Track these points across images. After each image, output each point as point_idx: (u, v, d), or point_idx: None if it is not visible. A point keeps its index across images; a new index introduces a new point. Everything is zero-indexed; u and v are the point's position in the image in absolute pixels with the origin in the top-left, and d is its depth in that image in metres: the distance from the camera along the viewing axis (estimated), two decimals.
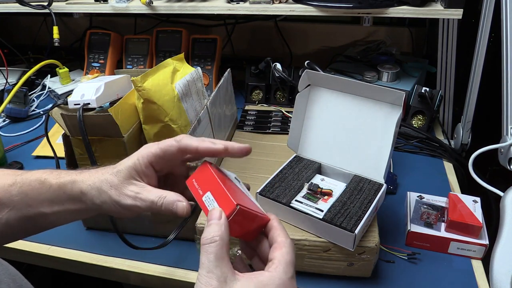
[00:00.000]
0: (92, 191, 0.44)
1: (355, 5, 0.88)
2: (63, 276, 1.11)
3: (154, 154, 0.44)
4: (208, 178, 0.42)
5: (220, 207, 0.39)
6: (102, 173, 0.45)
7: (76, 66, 1.35)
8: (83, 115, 0.61)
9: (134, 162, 0.44)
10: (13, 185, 0.45)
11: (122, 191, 0.43)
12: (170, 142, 0.44)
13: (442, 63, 0.98)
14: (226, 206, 0.39)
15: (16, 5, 1.09)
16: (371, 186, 0.65)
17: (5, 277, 0.36)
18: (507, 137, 0.62)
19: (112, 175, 0.44)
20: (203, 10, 0.97)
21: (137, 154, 0.45)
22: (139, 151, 0.45)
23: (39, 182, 0.45)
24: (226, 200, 0.39)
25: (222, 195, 0.40)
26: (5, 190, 0.45)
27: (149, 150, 0.45)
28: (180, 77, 0.72)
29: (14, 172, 0.47)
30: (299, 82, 0.68)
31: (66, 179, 0.45)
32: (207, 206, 0.40)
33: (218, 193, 0.40)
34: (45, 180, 0.45)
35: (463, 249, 0.66)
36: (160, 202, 0.42)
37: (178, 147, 0.44)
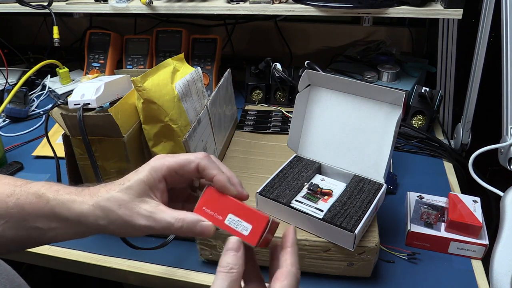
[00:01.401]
0: (95, 211, 0.40)
1: (355, 5, 0.88)
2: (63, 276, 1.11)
3: (169, 168, 0.41)
4: (221, 201, 0.41)
5: (250, 224, 0.39)
6: (107, 190, 0.41)
7: (76, 66, 1.35)
8: (83, 115, 0.61)
9: (146, 176, 0.40)
10: (10, 196, 0.43)
11: (134, 210, 0.40)
12: (188, 158, 0.42)
13: (442, 63, 0.98)
14: (257, 221, 0.39)
15: (16, 5, 1.09)
16: (371, 186, 0.65)
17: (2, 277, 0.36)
18: (507, 137, 0.62)
19: (121, 192, 0.40)
20: (203, 10, 0.97)
21: (147, 167, 0.41)
22: (150, 164, 0.42)
23: (36, 196, 0.42)
24: (254, 215, 0.39)
25: (247, 212, 0.40)
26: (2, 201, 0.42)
27: (162, 163, 0.41)
28: (180, 77, 0.72)
29: (14, 182, 0.44)
30: (299, 82, 0.68)
31: (64, 197, 0.42)
32: (235, 228, 0.39)
33: (242, 212, 0.40)
34: (42, 194, 0.42)
35: (463, 249, 0.66)
36: (179, 224, 0.40)
37: (197, 165, 0.42)
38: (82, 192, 0.42)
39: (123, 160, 0.65)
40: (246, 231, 0.39)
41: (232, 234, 0.39)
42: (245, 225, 0.39)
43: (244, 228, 0.39)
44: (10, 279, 0.36)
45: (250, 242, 0.39)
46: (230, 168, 0.78)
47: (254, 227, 0.39)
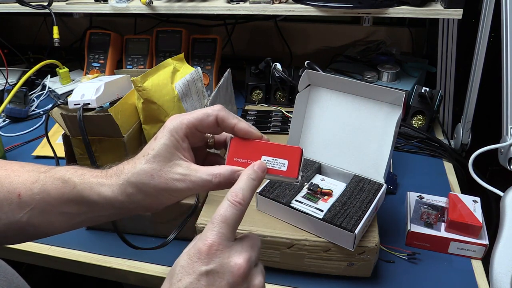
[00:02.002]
0: (127, 189, 0.39)
1: (355, 5, 0.88)
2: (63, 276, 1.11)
3: (189, 125, 0.40)
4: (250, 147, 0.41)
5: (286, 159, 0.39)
6: (132, 166, 0.40)
7: (76, 66, 1.35)
8: (83, 115, 0.61)
9: (169, 139, 0.39)
10: (35, 182, 0.42)
11: (168, 176, 0.39)
12: (206, 112, 0.40)
13: (442, 63, 0.98)
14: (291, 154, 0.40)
15: (16, 5, 1.09)
16: (371, 186, 0.65)
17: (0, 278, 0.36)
18: (507, 137, 0.62)
19: (149, 163, 0.39)
20: (203, 10, 0.97)
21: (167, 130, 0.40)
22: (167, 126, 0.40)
23: (62, 181, 0.41)
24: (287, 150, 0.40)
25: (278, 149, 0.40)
26: (27, 188, 0.42)
27: (181, 122, 0.40)
28: (180, 77, 0.72)
29: (38, 169, 0.44)
30: (299, 82, 0.68)
31: (92, 181, 0.41)
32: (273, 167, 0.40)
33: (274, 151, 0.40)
34: (68, 179, 0.41)
35: (463, 249, 0.66)
36: (217, 180, 0.39)
37: (215, 118, 0.41)
38: (107, 174, 0.41)
39: (123, 160, 0.65)
40: (284, 167, 0.40)
41: (271, 173, 0.40)
42: (281, 161, 0.40)
43: (282, 164, 0.40)
44: (8, 280, 0.36)
45: (291, 175, 0.40)
46: None
47: (290, 161, 0.39)
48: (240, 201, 0.36)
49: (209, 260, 0.35)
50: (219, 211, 0.36)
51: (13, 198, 0.42)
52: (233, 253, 0.36)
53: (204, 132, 0.42)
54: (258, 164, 0.39)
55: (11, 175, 0.43)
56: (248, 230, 0.61)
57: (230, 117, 0.41)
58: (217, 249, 0.35)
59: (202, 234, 0.36)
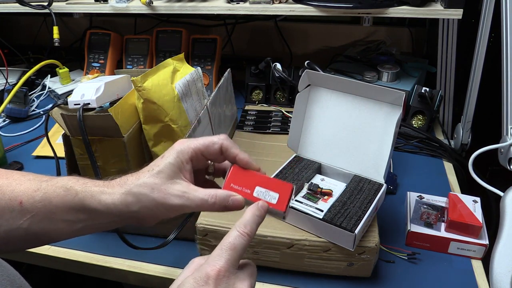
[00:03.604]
0: (127, 198, 0.42)
1: (355, 5, 0.88)
2: (63, 276, 1.11)
3: (195, 150, 0.44)
4: (246, 176, 0.45)
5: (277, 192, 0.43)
6: (136, 178, 0.43)
7: (76, 66, 1.35)
8: (83, 115, 0.61)
9: (175, 159, 0.43)
10: (37, 190, 0.43)
11: (167, 192, 0.42)
12: (212, 140, 0.45)
13: (442, 63, 0.98)
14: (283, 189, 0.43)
15: (16, 5, 1.09)
16: (371, 186, 0.65)
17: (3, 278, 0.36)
18: (507, 137, 0.62)
19: (152, 177, 0.42)
20: (203, 10, 0.97)
21: (174, 151, 0.44)
22: (175, 148, 0.44)
23: (64, 190, 0.43)
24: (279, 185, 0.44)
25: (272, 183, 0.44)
26: (28, 196, 0.43)
27: (188, 146, 0.44)
28: (180, 77, 0.72)
29: (39, 178, 0.45)
30: (299, 82, 0.68)
31: (93, 189, 0.43)
32: (264, 199, 0.44)
33: (267, 183, 0.44)
34: (70, 187, 0.43)
35: (463, 249, 0.66)
36: (212, 201, 0.43)
37: (220, 146, 0.45)
38: (110, 184, 0.44)
39: (123, 160, 0.65)
40: (274, 199, 0.43)
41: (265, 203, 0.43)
42: (272, 194, 0.43)
43: (272, 197, 0.43)
44: (11, 280, 0.36)
45: (279, 208, 0.43)
46: None
47: (281, 195, 0.43)
48: (248, 233, 0.39)
49: (216, 285, 0.37)
50: (228, 239, 0.39)
51: (15, 205, 0.43)
52: (237, 280, 0.38)
53: (208, 158, 0.46)
54: (262, 203, 0.42)
55: (13, 183, 0.44)
56: None
57: (233, 147, 0.45)
58: (224, 275, 0.37)
59: (210, 259, 0.38)
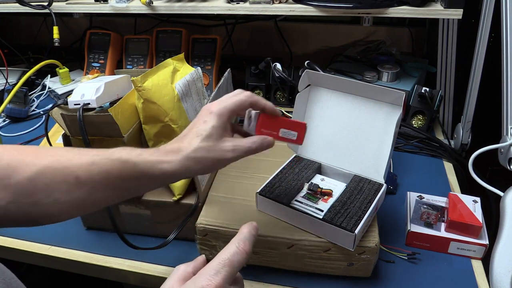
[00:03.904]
0: (186, 163, 0.47)
1: (355, 5, 0.88)
2: (63, 276, 1.12)
3: (230, 110, 0.50)
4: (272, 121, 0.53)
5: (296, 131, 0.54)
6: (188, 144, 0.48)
7: (76, 66, 1.35)
8: (83, 115, 0.61)
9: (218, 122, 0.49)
10: (92, 164, 0.45)
11: (221, 148, 0.48)
12: (241, 99, 0.51)
13: (442, 63, 0.98)
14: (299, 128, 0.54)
15: (16, 5, 1.09)
16: (371, 186, 0.65)
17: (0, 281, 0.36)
18: (507, 137, 0.62)
19: (204, 141, 0.48)
20: (203, 10, 0.97)
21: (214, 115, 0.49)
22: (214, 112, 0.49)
23: (121, 162, 0.46)
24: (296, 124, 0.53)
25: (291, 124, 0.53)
26: (84, 170, 0.45)
27: (225, 108, 0.50)
28: (180, 77, 0.72)
29: (88, 152, 0.47)
30: (299, 82, 0.68)
31: (150, 159, 0.47)
32: (287, 137, 0.54)
33: (288, 125, 0.53)
34: (127, 160, 0.46)
35: (463, 249, 0.66)
36: (255, 146, 0.50)
37: (250, 102, 0.51)
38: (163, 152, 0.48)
39: None
40: (294, 136, 0.54)
41: (285, 141, 0.54)
42: (292, 133, 0.54)
43: (292, 135, 0.54)
44: (7, 283, 0.36)
45: (298, 143, 0.54)
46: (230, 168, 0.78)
47: (299, 132, 0.54)
48: (247, 251, 0.41)
49: None
50: (226, 255, 0.40)
51: (71, 180, 0.45)
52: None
53: (240, 114, 0.53)
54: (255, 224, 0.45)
55: (61, 159, 0.46)
56: None
57: (260, 100, 0.52)
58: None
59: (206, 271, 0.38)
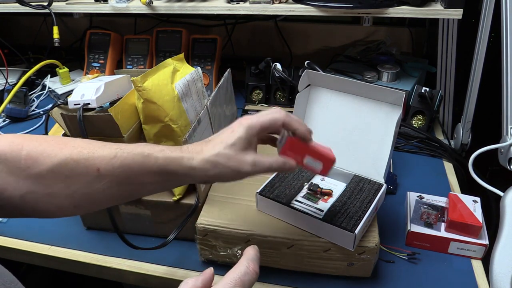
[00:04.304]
0: (205, 165, 0.47)
1: (355, 5, 0.88)
2: (63, 276, 1.11)
3: (262, 126, 0.49)
4: (299, 147, 0.52)
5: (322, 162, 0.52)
6: (212, 148, 0.48)
7: (76, 66, 1.35)
8: (83, 115, 0.61)
9: (245, 134, 0.48)
10: (114, 158, 0.46)
11: (241, 161, 0.48)
12: (274, 117, 0.50)
13: (442, 63, 0.98)
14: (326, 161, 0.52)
15: (16, 5, 1.09)
16: (371, 186, 0.65)
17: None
18: (507, 137, 0.62)
19: (227, 149, 0.48)
20: (203, 10, 0.97)
21: (244, 127, 0.49)
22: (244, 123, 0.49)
23: (143, 156, 0.47)
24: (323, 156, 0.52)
25: (318, 154, 0.52)
26: (106, 163, 0.45)
27: (257, 122, 0.49)
28: (180, 77, 0.72)
29: (111, 146, 0.47)
30: (299, 82, 0.68)
31: (172, 155, 0.47)
32: (311, 166, 0.53)
33: (315, 154, 0.52)
34: (149, 154, 0.47)
35: (463, 249, 0.66)
36: (276, 166, 0.50)
37: (283, 122, 0.50)
38: (186, 150, 0.48)
39: None
40: (319, 167, 0.53)
41: (309, 170, 0.54)
42: (318, 164, 0.52)
43: (317, 166, 0.53)
44: (7, 287, 0.36)
45: (322, 174, 0.53)
46: None
47: (325, 164, 0.52)
48: (257, 271, 0.41)
49: None
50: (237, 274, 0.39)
51: (92, 172, 0.45)
52: None
53: (270, 132, 0.53)
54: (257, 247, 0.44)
55: (83, 151, 0.46)
56: (249, 230, 0.61)
57: (293, 122, 0.51)
58: None
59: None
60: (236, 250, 0.62)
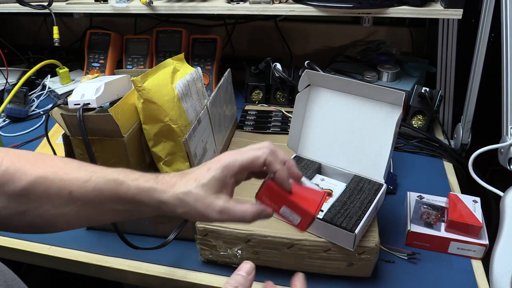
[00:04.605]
0: (174, 201, 0.45)
1: (355, 5, 0.88)
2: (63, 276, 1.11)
3: (241, 166, 0.45)
4: (278, 194, 0.47)
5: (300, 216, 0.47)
6: (184, 184, 0.45)
7: (76, 66, 1.35)
8: (83, 115, 0.61)
9: (220, 175, 0.45)
10: (87, 181, 0.45)
11: (208, 205, 0.44)
12: (256, 154, 0.46)
13: (442, 63, 0.98)
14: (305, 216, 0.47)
15: (16, 5, 1.09)
16: (371, 186, 0.65)
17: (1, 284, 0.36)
18: (507, 137, 0.62)
19: (197, 189, 0.44)
20: (203, 10, 0.97)
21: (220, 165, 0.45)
22: (220, 161, 0.45)
23: (116, 183, 0.45)
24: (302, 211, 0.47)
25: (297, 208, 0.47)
26: (79, 186, 0.45)
27: (235, 161, 0.45)
28: (180, 77, 0.72)
29: (86, 168, 0.47)
30: (299, 82, 0.68)
31: (145, 185, 0.45)
32: (288, 217, 0.48)
33: (293, 207, 0.47)
34: (122, 182, 0.45)
35: (463, 249, 0.66)
36: (249, 217, 0.45)
37: (264, 161, 0.46)
38: (160, 181, 0.46)
39: (123, 160, 0.65)
40: (296, 221, 0.47)
41: (286, 221, 0.48)
42: (295, 216, 0.47)
43: (295, 219, 0.47)
44: (9, 285, 0.36)
45: (299, 229, 0.48)
46: None
47: (303, 219, 0.47)
48: None
49: None
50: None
51: (64, 194, 0.45)
52: None
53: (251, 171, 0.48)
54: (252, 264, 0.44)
55: (59, 172, 0.46)
56: (249, 231, 0.61)
57: (275, 162, 0.46)
58: None
59: None
60: (236, 250, 0.62)
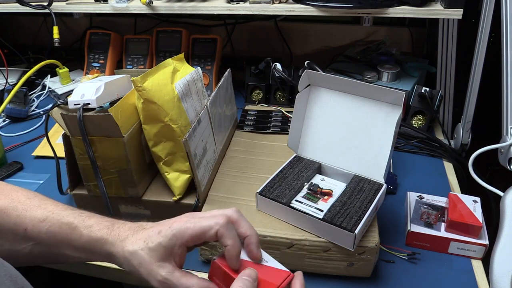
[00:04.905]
0: (121, 257, 0.44)
1: (355, 5, 0.88)
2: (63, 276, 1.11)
3: (192, 235, 0.43)
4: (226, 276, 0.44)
5: None
6: (133, 242, 0.44)
7: (76, 66, 1.35)
8: (83, 115, 0.61)
9: (168, 243, 0.43)
10: (43, 221, 0.45)
11: (151, 272, 0.43)
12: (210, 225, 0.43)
13: (442, 63, 0.98)
14: None
15: (16, 5, 1.09)
16: (371, 186, 0.65)
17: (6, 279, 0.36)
18: (507, 137, 0.62)
19: (143, 251, 0.43)
20: (203, 10, 0.97)
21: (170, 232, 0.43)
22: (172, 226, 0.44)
23: (70, 228, 0.45)
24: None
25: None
26: (34, 225, 0.45)
27: (185, 230, 0.43)
28: (180, 77, 0.72)
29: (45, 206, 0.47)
30: (299, 82, 0.68)
31: (97, 235, 0.45)
32: None
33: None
34: (75, 228, 0.45)
35: (463, 249, 0.66)
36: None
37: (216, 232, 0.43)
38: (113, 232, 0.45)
39: (123, 160, 0.65)
40: None
41: None
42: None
43: None
44: (13, 280, 0.37)
45: None
46: (230, 168, 0.78)
47: None
48: None
49: None
50: None
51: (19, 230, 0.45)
52: None
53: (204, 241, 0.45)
54: None
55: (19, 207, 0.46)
56: None
57: (227, 237, 0.43)
58: None
59: None
60: None
